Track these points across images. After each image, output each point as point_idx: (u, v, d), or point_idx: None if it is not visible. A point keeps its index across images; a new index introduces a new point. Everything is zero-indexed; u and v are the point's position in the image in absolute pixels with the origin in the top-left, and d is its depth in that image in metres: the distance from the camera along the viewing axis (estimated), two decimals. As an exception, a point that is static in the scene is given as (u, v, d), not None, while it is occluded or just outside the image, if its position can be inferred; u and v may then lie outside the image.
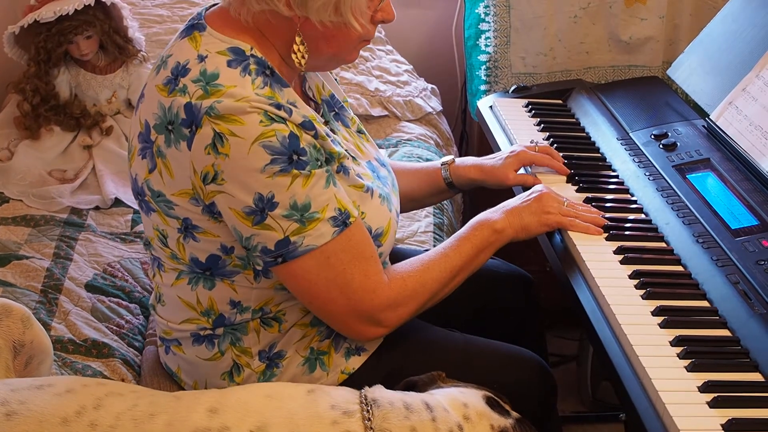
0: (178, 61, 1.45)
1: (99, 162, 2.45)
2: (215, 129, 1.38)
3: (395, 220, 1.63)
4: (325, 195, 1.44)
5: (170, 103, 1.42)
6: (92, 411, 1.30)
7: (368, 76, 2.98)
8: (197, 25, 1.50)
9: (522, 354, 1.73)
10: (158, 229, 1.53)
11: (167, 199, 1.48)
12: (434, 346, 1.68)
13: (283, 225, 1.42)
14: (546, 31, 2.50)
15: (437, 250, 1.63)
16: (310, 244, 1.44)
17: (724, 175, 1.81)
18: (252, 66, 1.44)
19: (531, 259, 2.20)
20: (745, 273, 1.55)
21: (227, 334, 1.58)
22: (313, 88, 1.66)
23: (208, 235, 1.48)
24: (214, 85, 1.40)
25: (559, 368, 2.70)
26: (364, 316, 1.51)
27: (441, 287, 1.59)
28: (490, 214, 1.68)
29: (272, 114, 1.40)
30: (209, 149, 1.39)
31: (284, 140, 1.39)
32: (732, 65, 2.02)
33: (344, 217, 1.46)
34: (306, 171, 1.42)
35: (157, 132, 1.45)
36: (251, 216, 1.41)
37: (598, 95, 2.30)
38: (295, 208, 1.42)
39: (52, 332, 1.81)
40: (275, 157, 1.39)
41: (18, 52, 2.51)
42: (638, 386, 1.37)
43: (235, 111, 1.38)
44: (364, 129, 1.76)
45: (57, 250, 2.11)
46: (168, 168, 1.45)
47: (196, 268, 1.53)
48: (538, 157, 1.91)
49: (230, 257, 1.51)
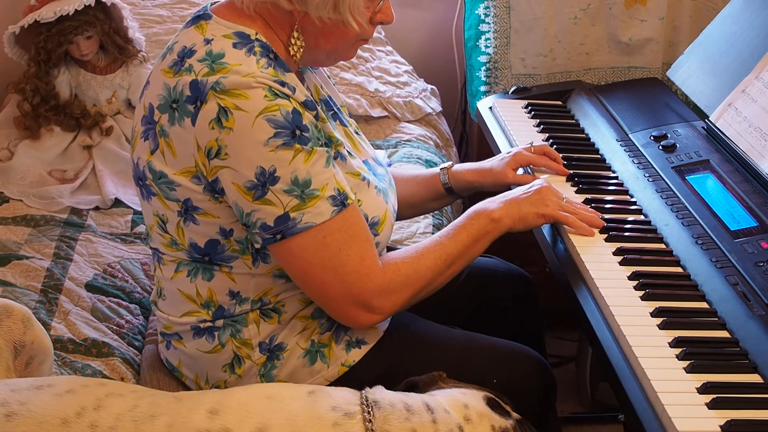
0: (184, 45, 1.49)
1: (99, 162, 2.45)
2: (220, 104, 1.41)
3: (392, 213, 1.64)
4: (325, 174, 1.46)
5: (176, 82, 1.46)
6: (92, 412, 1.30)
7: (368, 76, 2.98)
8: (203, 15, 1.54)
9: (521, 350, 1.73)
10: (158, 215, 1.55)
11: (169, 180, 1.49)
12: (434, 342, 1.68)
13: (284, 200, 1.44)
14: (546, 32, 2.51)
15: (433, 239, 1.63)
16: (309, 222, 1.45)
17: (724, 176, 1.82)
18: (257, 48, 1.47)
19: (530, 260, 2.20)
20: (744, 274, 1.55)
21: (227, 326, 1.59)
22: (311, 88, 1.67)
23: (208, 217, 1.50)
24: (220, 63, 1.44)
25: (558, 369, 2.70)
26: (358, 300, 1.52)
27: (435, 275, 1.59)
28: (487, 204, 1.68)
29: (276, 90, 1.43)
30: (214, 124, 1.41)
31: (288, 115, 1.42)
32: (731, 67, 2.02)
33: (342, 197, 1.48)
34: (308, 147, 1.44)
35: (160, 112, 1.48)
36: (252, 191, 1.43)
37: (597, 96, 2.30)
38: (296, 183, 1.44)
39: (52, 332, 1.81)
40: (279, 130, 1.41)
41: (18, 52, 2.51)
42: (637, 387, 1.37)
43: (240, 86, 1.41)
44: (360, 133, 1.77)
45: (57, 250, 2.11)
46: (171, 147, 1.47)
47: (195, 254, 1.55)
48: (535, 158, 1.92)
49: (229, 241, 1.52)
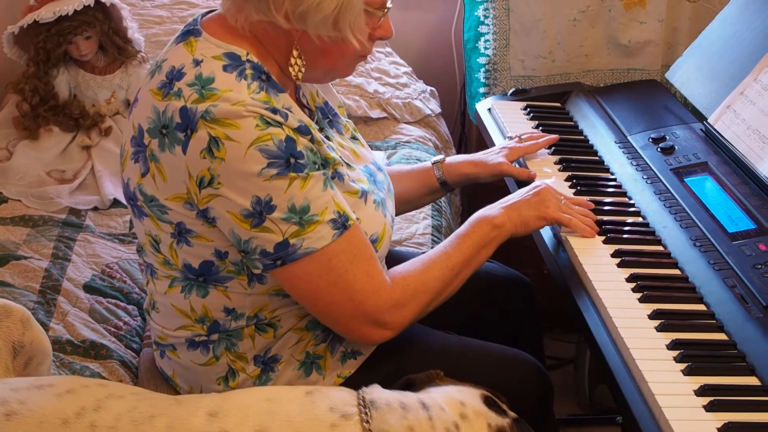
0: (173, 66, 1.45)
1: (98, 162, 2.45)
2: (211, 133, 1.37)
3: (390, 225, 1.62)
4: (324, 198, 1.43)
5: (165, 106, 1.41)
6: (92, 412, 1.30)
7: (367, 78, 2.98)
8: (193, 30, 1.49)
9: (518, 356, 1.72)
10: (150, 235, 1.51)
11: (160, 204, 1.46)
12: (431, 349, 1.68)
13: (282, 227, 1.41)
14: (545, 34, 2.50)
15: (437, 249, 1.62)
16: (310, 247, 1.43)
17: (722, 178, 1.82)
18: (248, 71, 1.43)
19: (528, 262, 2.20)
20: (742, 277, 1.55)
21: (222, 339, 1.57)
22: (307, 96, 1.65)
23: (202, 240, 1.47)
24: (210, 89, 1.39)
25: (556, 371, 2.70)
26: (369, 317, 1.50)
27: (444, 286, 1.58)
28: (488, 211, 1.68)
29: (268, 118, 1.39)
30: (205, 153, 1.38)
31: (281, 144, 1.39)
32: (730, 69, 2.02)
33: (343, 219, 1.45)
34: (303, 174, 1.41)
35: (150, 136, 1.44)
36: (249, 219, 1.40)
37: (596, 98, 2.30)
38: (294, 210, 1.41)
39: (50, 333, 1.81)
40: (272, 160, 1.38)
41: (17, 52, 2.51)
42: (635, 389, 1.37)
43: (230, 115, 1.37)
44: (358, 135, 1.75)
45: (55, 251, 2.11)
46: (161, 172, 1.44)
47: (189, 274, 1.52)
48: (527, 147, 1.94)
49: (224, 263, 1.49)
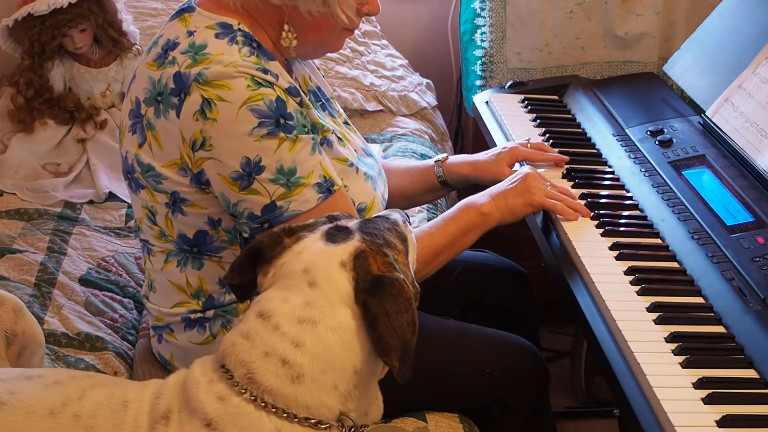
0: (168, 39, 1.50)
1: (93, 155, 2.45)
2: (203, 95, 1.41)
3: (380, 201, 1.64)
4: (311, 161, 1.47)
5: (160, 75, 1.46)
6: (76, 402, 1.30)
7: (363, 70, 2.97)
8: (187, 8, 1.54)
9: (513, 340, 1.74)
10: (147, 207, 1.55)
11: (156, 173, 1.50)
12: (427, 332, 1.67)
13: (270, 189, 1.44)
14: (542, 26, 2.50)
15: (422, 228, 1.64)
16: (296, 209, 1.46)
17: (720, 171, 1.81)
18: (239, 38, 1.48)
19: (525, 255, 2.20)
20: (740, 269, 1.55)
21: (218, 316, 1.59)
22: (299, 79, 1.67)
23: (196, 208, 1.51)
24: (203, 54, 1.44)
25: (553, 364, 2.69)
26: None
27: (421, 265, 1.58)
28: (477, 198, 1.70)
29: (259, 78, 1.43)
30: (197, 115, 1.42)
31: (271, 104, 1.43)
32: (728, 62, 2.01)
33: (329, 184, 1.49)
34: (292, 135, 1.44)
35: (146, 105, 1.48)
36: (238, 181, 1.44)
37: (594, 91, 2.30)
38: (282, 172, 1.44)
39: (45, 326, 1.81)
40: (262, 120, 1.42)
41: (12, 45, 2.50)
42: (633, 382, 1.37)
43: (222, 76, 1.42)
44: (350, 122, 1.77)
45: (51, 244, 2.10)
46: (157, 140, 1.48)
47: (183, 245, 1.55)
48: (531, 153, 1.91)
49: (217, 231, 1.53)
